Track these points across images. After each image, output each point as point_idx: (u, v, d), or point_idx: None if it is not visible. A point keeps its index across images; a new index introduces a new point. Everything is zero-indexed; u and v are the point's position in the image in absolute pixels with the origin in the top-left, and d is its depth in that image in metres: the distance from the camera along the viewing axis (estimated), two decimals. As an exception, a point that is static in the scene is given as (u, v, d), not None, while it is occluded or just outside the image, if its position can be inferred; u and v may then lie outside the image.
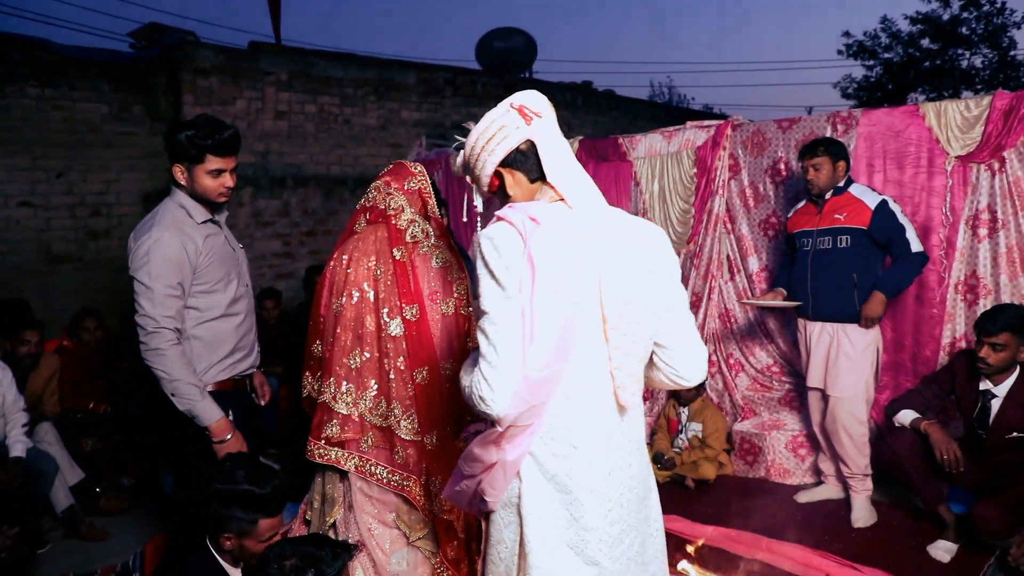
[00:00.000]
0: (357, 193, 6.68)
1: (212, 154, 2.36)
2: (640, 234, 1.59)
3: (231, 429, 2.35)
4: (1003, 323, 2.88)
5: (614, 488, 1.57)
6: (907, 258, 3.33)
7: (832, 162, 3.43)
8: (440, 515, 2.31)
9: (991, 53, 17.15)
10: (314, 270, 5.73)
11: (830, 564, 2.91)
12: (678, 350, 1.60)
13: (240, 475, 2.00)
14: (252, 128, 5.99)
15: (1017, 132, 3.44)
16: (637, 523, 1.62)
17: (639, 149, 4.74)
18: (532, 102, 1.63)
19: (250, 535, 2.02)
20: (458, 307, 2.38)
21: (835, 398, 3.46)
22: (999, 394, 2.98)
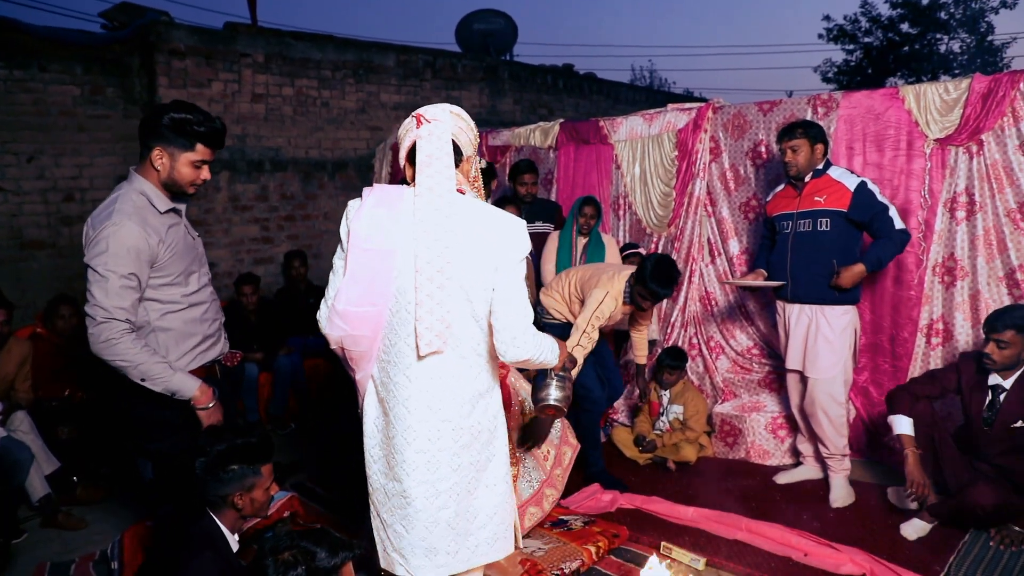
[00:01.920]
0: (336, 177, 6.61)
1: (204, 144, 2.30)
2: (481, 224, 1.87)
3: (213, 394, 2.35)
4: (1009, 321, 2.93)
5: (422, 424, 1.91)
6: (890, 235, 3.33)
7: (810, 144, 3.42)
8: None
9: (969, 38, 17.29)
10: (293, 255, 5.67)
11: (808, 543, 2.93)
12: (496, 328, 1.88)
13: (228, 435, 2.14)
14: (229, 111, 5.89)
15: (995, 115, 3.46)
16: (453, 463, 1.94)
17: (620, 132, 4.72)
18: (430, 111, 1.93)
19: (256, 486, 2.17)
20: None
21: (814, 380, 3.49)
22: (1007, 387, 3.02)
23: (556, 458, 3.27)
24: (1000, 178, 3.49)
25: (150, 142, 2.29)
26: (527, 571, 2.84)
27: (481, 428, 1.98)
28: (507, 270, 1.87)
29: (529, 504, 3.17)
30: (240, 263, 6.02)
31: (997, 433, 3.02)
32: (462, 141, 1.95)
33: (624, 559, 3.01)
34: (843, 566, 2.78)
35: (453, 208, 1.85)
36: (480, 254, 1.86)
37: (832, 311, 3.44)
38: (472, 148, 2.01)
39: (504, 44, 9.43)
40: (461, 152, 1.95)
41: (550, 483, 3.24)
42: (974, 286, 3.60)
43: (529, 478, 3.19)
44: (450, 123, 1.92)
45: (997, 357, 2.96)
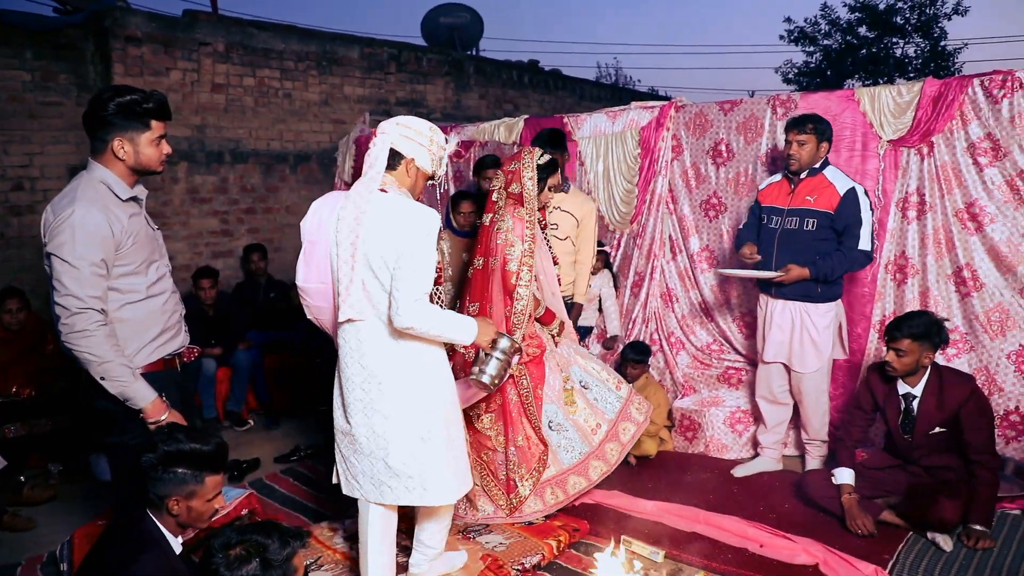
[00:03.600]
0: (299, 170, 6.52)
1: (157, 119, 2.27)
2: (388, 216, 2.25)
3: (166, 408, 2.28)
4: (907, 331, 3.01)
5: (356, 376, 2.37)
6: (849, 252, 3.38)
7: (817, 141, 3.43)
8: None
9: (923, 42, 17.77)
10: (252, 249, 5.58)
11: (764, 535, 3.00)
12: (392, 298, 2.23)
13: (181, 436, 2.04)
14: (187, 101, 5.76)
15: (945, 118, 3.56)
16: (385, 411, 2.34)
17: (584, 129, 4.74)
18: (383, 124, 2.40)
19: (197, 494, 2.05)
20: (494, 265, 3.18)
21: (801, 374, 3.59)
22: (917, 394, 3.11)
23: (610, 433, 3.35)
24: (949, 179, 3.60)
25: (105, 135, 2.25)
26: (488, 567, 2.85)
27: (407, 385, 2.35)
28: (405, 252, 2.21)
29: (571, 473, 3.26)
30: (199, 256, 5.91)
31: (919, 440, 3.12)
32: (404, 148, 2.36)
33: (585, 553, 3.04)
34: (797, 556, 2.85)
35: (369, 204, 2.27)
36: (385, 239, 2.24)
37: (816, 309, 3.51)
38: (418, 151, 2.38)
39: (470, 38, 9.39)
40: (402, 157, 2.36)
41: (599, 455, 3.30)
42: (924, 283, 3.71)
43: (571, 448, 3.29)
44: (393, 133, 2.36)
45: (897, 365, 3.04)
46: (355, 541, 3.11)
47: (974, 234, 3.57)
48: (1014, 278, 3.49)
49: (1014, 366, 3.53)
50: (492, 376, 2.54)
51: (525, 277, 3.15)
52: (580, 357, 3.49)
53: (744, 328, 4.36)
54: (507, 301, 3.19)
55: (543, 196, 3.34)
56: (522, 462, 3.23)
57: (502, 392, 3.25)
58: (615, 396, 3.43)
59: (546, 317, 3.37)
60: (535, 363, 3.31)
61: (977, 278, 3.58)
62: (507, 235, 3.18)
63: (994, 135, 3.47)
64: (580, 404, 3.35)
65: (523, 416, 3.26)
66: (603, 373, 3.48)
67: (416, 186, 2.44)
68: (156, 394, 2.26)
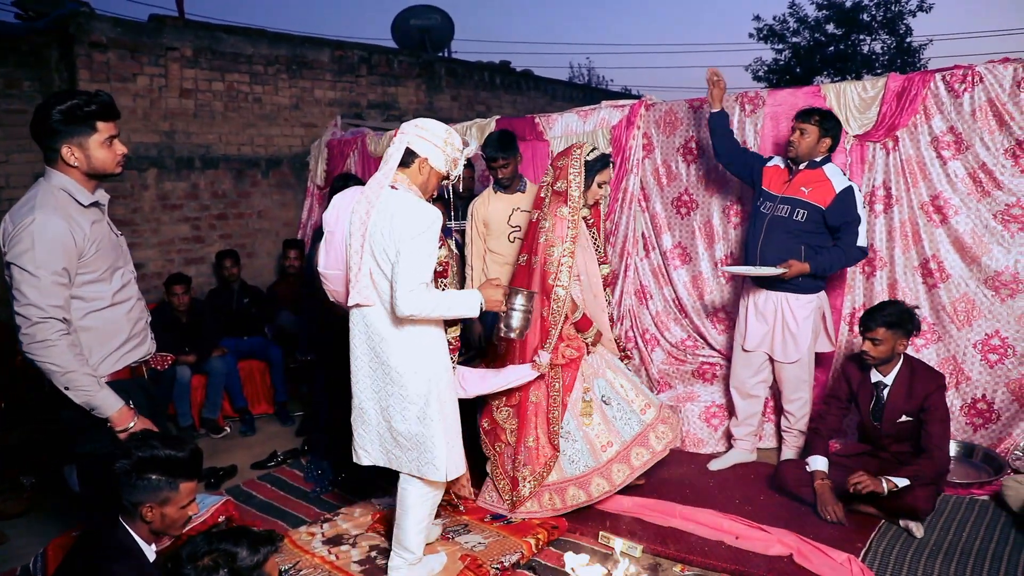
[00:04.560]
0: (270, 175, 6.47)
1: (102, 120, 2.23)
2: (393, 211, 2.43)
3: (134, 416, 2.25)
4: (880, 320, 3.08)
5: (365, 356, 2.62)
6: (848, 248, 3.44)
7: (819, 135, 3.45)
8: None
9: (889, 39, 18.06)
10: (225, 255, 5.52)
11: (739, 527, 3.03)
12: (392, 289, 2.41)
13: (156, 443, 2.03)
14: (155, 106, 5.70)
15: (908, 112, 3.63)
16: (388, 391, 2.58)
17: (555, 128, 4.76)
18: (403, 125, 2.60)
19: (171, 501, 2.03)
20: (535, 264, 3.24)
21: (784, 364, 3.65)
22: (889, 383, 3.18)
23: (621, 454, 3.27)
24: (914, 173, 3.67)
25: (53, 143, 2.21)
26: (467, 566, 2.85)
27: (406, 369, 2.54)
28: (404, 246, 2.38)
29: (571, 483, 3.26)
30: (170, 263, 5.84)
31: (887, 428, 3.19)
32: (418, 147, 2.52)
33: (564, 550, 3.05)
34: (772, 547, 2.88)
35: (378, 199, 2.47)
36: (388, 232, 2.41)
37: (797, 300, 3.56)
38: (432, 151, 2.54)
39: (441, 40, 9.38)
40: (416, 155, 2.53)
41: (604, 474, 3.24)
42: (892, 276, 3.78)
43: (576, 459, 3.27)
44: (410, 133, 2.54)
45: (874, 353, 3.12)
46: (334, 544, 3.11)
47: (939, 226, 3.65)
48: (978, 268, 3.57)
49: (980, 355, 3.61)
50: (516, 328, 2.78)
51: (564, 278, 3.16)
52: (610, 371, 3.42)
53: (718, 324, 4.41)
54: (545, 301, 3.21)
55: (591, 193, 3.31)
56: (528, 462, 3.26)
57: (524, 391, 3.30)
58: (637, 419, 3.33)
59: (582, 323, 3.34)
60: (571, 367, 3.30)
61: (943, 269, 3.65)
62: (547, 235, 3.22)
63: (956, 129, 3.54)
64: (596, 418, 3.30)
65: (537, 418, 3.27)
66: (631, 393, 3.40)
67: (428, 184, 2.60)
68: (123, 402, 2.23)
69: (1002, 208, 3.48)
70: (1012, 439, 3.53)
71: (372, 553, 3.04)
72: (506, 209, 3.77)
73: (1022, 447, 3.48)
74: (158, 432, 2.19)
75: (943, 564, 2.78)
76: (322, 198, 6.32)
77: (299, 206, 6.64)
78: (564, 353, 3.28)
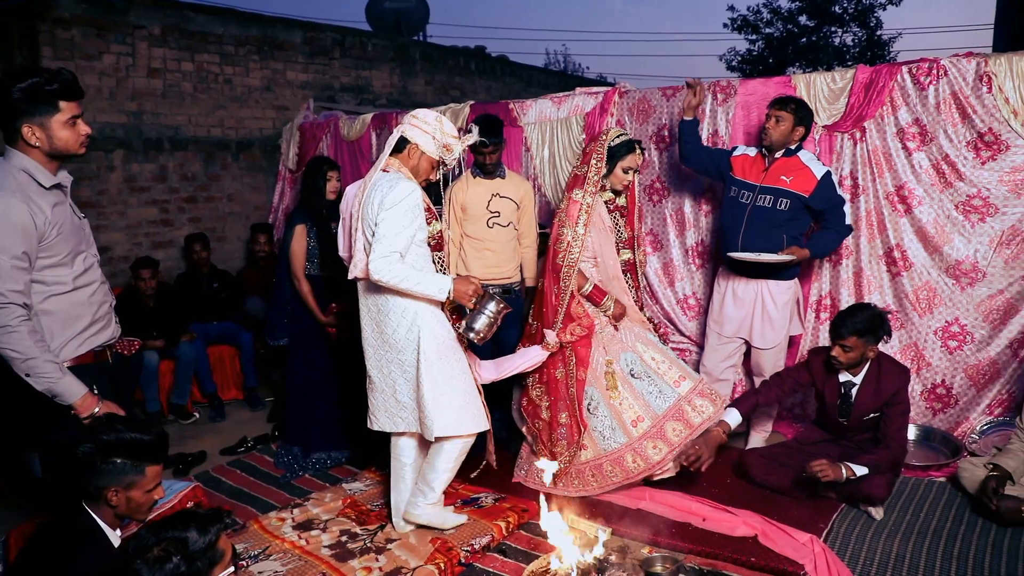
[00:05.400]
0: (241, 157, 6.38)
1: (64, 99, 2.17)
2: (379, 191, 2.68)
3: (98, 402, 2.22)
4: (851, 327, 3.11)
5: (368, 327, 2.90)
6: (839, 228, 3.55)
7: (794, 123, 3.50)
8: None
9: (860, 32, 18.29)
10: (194, 238, 5.45)
11: (706, 508, 3.09)
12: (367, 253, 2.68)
13: (121, 426, 2.00)
14: (122, 86, 5.58)
15: (875, 104, 3.69)
16: (388, 357, 2.85)
17: (530, 115, 4.76)
18: (404, 116, 2.85)
19: (136, 485, 2.01)
20: (552, 241, 3.34)
21: (761, 351, 3.71)
22: (857, 382, 3.24)
23: (653, 429, 3.22)
24: (880, 163, 3.73)
25: (13, 123, 2.16)
26: (438, 549, 2.87)
27: (399, 338, 2.80)
28: (382, 221, 2.63)
29: (607, 460, 3.27)
30: (138, 247, 5.74)
31: (854, 424, 3.27)
32: (410, 134, 2.78)
33: (534, 533, 3.08)
34: (738, 528, 2.95)
35: (371, 181, 2.75)
36: (374, 209, 2.67)
37: (777, 286, 3.63)
38: (422, 137, 2.76)
39: (416, 24, 9.31)
40: (408, 142, 2.78)
41: (637, 451, 3.23)
42: (857, 264, 3.85)
43: (608, 435, 3.26)
44: (406, 123, 2.80)
45: (843, 359, 3.16)
46: (304, 529, 3.11)
47: (903, 216, 3.72)
48: (940, 258, 3.65)
49: (940, 342, 3.70)
50: (478, 330, 2.85)
51: (571, 257, 3.22)
52: (641, 344, 3.40)
53: (688, 310, 4.46)
54: (555, 279, 3.27)
55: (615, 179, 3.35)
56: (562, 439, 3.32)
57: (548, 368, 3.36)
58: (671, 392, 3.27)
59: (595, 295, 3.34)
60: (582, 344, 3.32)
61: (906, 258, 3.73)
62: (560, 216, 3.29)
63: (921, 120, 3.61)
64: (624, 392, 3.28)
65: (561, 394, 3.32)
66: (663, 365, 3.35)
67: (419, 168, 2.82)
68: (86, 389, 2.20)
69: (963, 199, 3.56)
70: (969, 423, 3.64)
71: (343, 538, 3.04)
72: (485, 195, 3.76)
73: (978, 431, 3.59)
74: (123, 416, 2.16)
75: (901, 543, 2.86)
76: (294, 182, 6.25)
77: (270, 190, 6.56)
78: (573, 331, 3.30)
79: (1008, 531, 2.89)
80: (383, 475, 3.70)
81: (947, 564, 2.72)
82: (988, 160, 3.47)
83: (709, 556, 2.82)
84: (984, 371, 3.62)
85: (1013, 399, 3.55)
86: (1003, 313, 3.55)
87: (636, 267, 3.57)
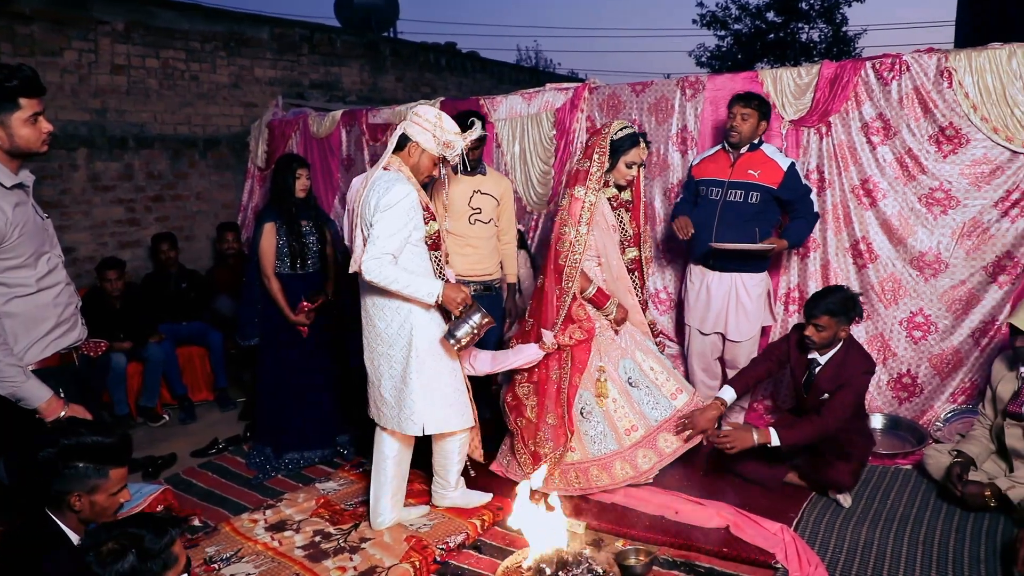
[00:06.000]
0: (208, 155, 6.29)
1: (25, 96, 2.13)
2: (375, 189, 2.72)
3: (63, 406, 2.18)
4: (824, 307, 3.15)
5: (364, 319, 2.94)
6: (809, 217, 3.64)
7: (758, 119, 3.60)
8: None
9: (826, 28, 18.54)
10: (161, 238, 5.36)
11: (679, 501, 3.12)
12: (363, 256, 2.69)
13: (82, 429, 1.96)
14: (84, 83, 5.46)
15: (840, 99, 3.74)
16: (379, 351, 2.89)
17: (500, 111, 4.76)
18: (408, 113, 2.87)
19: (100, 489, 1.97)
20: (553, 240, 3.27)
21: (736, 343, 3.76)
22: (822, 363, 3.28)
23: (646, 439, 3.22)
24: (845, 157, 3.79)
25: None
26: (412, 547, 2.86)
27: (390, 333, 2.84)
28: (376, 223, 2.67)
29: (593, 464, 3.23)
30: (103, 247, 5.63)
31: (811, 402, 3.32)
32: (411, 132, 2.80)
33: (509, 530, 3.08)
34: (710, 520, 2.98)
35: (371, 179, 2.77)
36: (370, 210, 2.71)
37: (751, 279, 3.69)
38: (422, 135, 2.78)
39: (386, 20, 9.25)
40: (408, 139, 2.80)
41: (628, 459, 3.21)
42: (824, 257, 3.91)
43: (599, 440, 3.23)
44: (407, 119, 2.83)
45: (816, 338, 3.20)
46: (277, 531, 3.08)
47: (868, 209, 3.79)
48: (904, 250, 3.72)
49: (905, 332, 3.77)
50: (458, 338, 2.82)
51: (573, 257, 3.14)
52: (640, 352, 3.35)
53: (659, 304, 4.49)
54: (556, 279, 3.19)
55: (618, 174, 3.26)
56: (548, 439, 3.26)
57: (541, 369, 3.29)
58: (666, 404, 3.26)
59: (598, 298, 3.27)
60: (581, 348, 3.25)
61: (872, 250, 3.80)
62: (562, 214, 3.20)
63: (885, 115, 3.67)
64: (618, 399, 3.24)
65: (555, 396, 3.26)
66: (661, 376, 3.33)
67: (420, 165, 2.83)
68: (51, 392, 2.16)
69: (926, 192, 3.63)
70: (934, 411, 3.72)
71: (316, 538, 3.02)
72: (467, 191, 3.75)
73: (942, 418, 3.67)
74: (84, 419, 2.13)
75: (869, 530, 2.92)
76: (263, 179, 6.18)
77: (239, 188, 6.48)
78: (572, 334, 3.24)
79: (972, 515, 2.96)
80: (357, 474, 3.68)
81: (913, 549, 2.77)
82: (949, 154, 3.54)
83: (683, 548, 2.85)
84: (948, 360, 3.70)
85: (975, 387, 3.64)
86: (965, 303, 3.63)
87: (642, 265, 3.49)
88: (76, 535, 2.00)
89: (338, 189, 5.76)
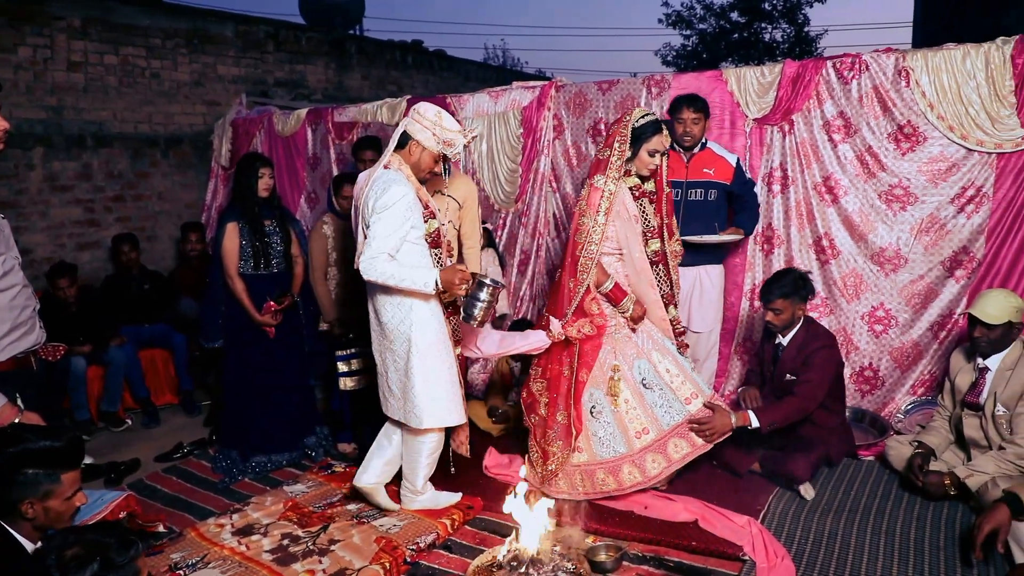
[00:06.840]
0: (170, 154, 6.18)
1: None
2: (374, 189, 2.77)
3: (18, 412, 2.12)
4: (778, 292, 3.30)
5: (370, 314, 3.02)
6: (754, 207, 3.85)
7: (705, 120, 3.75)
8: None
9: (789, 28, 18.83)
10: (122, 239, 5.25)
11: (648, 496, 3.14)
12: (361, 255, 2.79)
13: (29, 435, 1.91)
14: (40, 79, 5.32)
15: (803, 97, 3.80)
16: (384, 344, 2.98)
17: (467, 109, 4.74)
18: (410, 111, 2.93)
19: (54, 494, 1.92)
20: (572, 230, 3.22)
21: (699, 334, 3.87)
22: (785, 343, 3.39)
23: (657, 443, 3.09)
24: (808, 155, 3.86)
25: None
26: (383, 548, 2.84)
27: (392, 328, 2.90)
28: (373, 223, 2.75)
29: (600, 467, 3.15)
30: (61, 248, 5.50)
31: (777, 383, 3.40)
32: (411, 130, 2.86)
33: (479, 528, 3.08)
34: (679, 514, 3.01)
35: (372, 177, 2.83)
36: (368, 210, 2.77)
37: (714, 269, 3.86)
38: (422, 133, 2.83)
39: (352, 17, 9.16)
40: (410, 137, 2.86)
41: (636, 463, 3.10)
42: (788, 253, 3.97)
43: (608, 442, 3.13)
44: (408, 118, 2.88)
45: (776, 321, 3.35)
46: (244, 535, 3.04)
47: (831, 206, 3.85)
48: (865, 245, 3.80)
49: (867, 326, 3.85)
50: (475, 317, 2.91)
51: (590, 248, 3.07)
52: (657, 353, 3.19)
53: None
54: (572, 270, 3.14)
55: (640, 163, 3.12)
56: (558, 438, 3.20)
57: (555, 365, 3.24)
58: (679, 408, 3.09)
59: (614, 294, 3.14)
60: (589, 344, 3.15)
61: (834, 246, 3.87)
62: (581, 204, 3.15)
63: (846, 113, 3.74)
64: (631, 400, 3.11)
65: (563, 392, 3.21)
66: (677, 380, 3.15)
67: (421, 163, 2.90)
68: (5, 399, 2.10)
69: (886, 189, 3.71)
70: (895, 403, 3.80)
71: (284, 541, 2.98)
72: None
73: (903, 410, 3.75)
74: (30, 424, 2.07)
75: (834, 521, 2.97)
76: (227, 179, 6.08)
77: (202, 187, 6.37)
78: (581, 328, 3.15)
79: (932, 504, 3.03)
80: (326, 476, 3.64)
81: (876, 538, 2.83)
82: (908, 151, 3.62)
83: (652, 542, 2.87)
84: (908, 353, 3.78)
85: (935, 379, 3.72)
86: (924, 297, 3.71)
87: (667, 258, 3.28)
88: (31, 543, 1.94)
89: (304, 188, 5.70)
